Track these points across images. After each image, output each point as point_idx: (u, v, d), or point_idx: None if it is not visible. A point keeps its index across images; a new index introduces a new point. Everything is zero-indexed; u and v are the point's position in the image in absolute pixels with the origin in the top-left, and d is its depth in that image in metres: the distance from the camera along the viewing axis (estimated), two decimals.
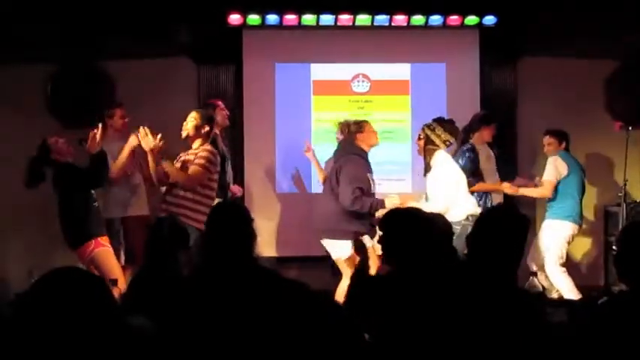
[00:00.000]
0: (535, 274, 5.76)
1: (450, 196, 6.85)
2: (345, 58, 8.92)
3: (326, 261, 8.14)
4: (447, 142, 7.08)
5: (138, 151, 7.20)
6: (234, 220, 4.11)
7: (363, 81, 8.95)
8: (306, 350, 2.72)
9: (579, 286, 7.76)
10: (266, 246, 8.53)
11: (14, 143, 8.40)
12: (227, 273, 3.92)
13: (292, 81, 8.91)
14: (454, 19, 8.67)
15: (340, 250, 7.09)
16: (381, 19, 8.63)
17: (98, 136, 6.76)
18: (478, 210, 6.97)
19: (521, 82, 9.17)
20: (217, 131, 7.63)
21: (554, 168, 7.80)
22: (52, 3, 7.72)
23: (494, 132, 8.15)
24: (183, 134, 6.89)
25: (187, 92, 8.75)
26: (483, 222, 3.71)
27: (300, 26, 8.71)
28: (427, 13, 8.61)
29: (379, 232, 4.33)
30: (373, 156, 7.27)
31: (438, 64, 9.04)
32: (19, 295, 2.21)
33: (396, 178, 8.58)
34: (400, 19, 8.64)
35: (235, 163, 8.29)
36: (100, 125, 6.86)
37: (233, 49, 8.82)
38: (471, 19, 8.67)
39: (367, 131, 7.27)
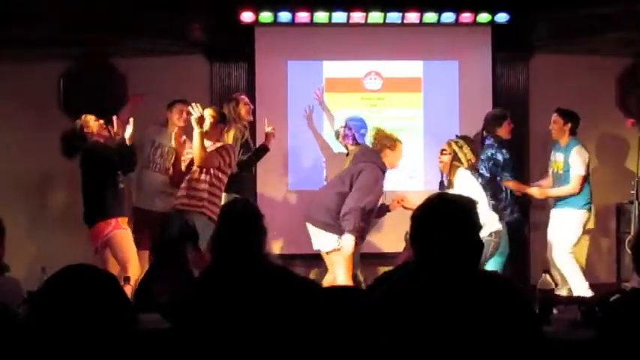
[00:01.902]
0: (548, 270, 5.75)
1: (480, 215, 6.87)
2: (358, 55, 8.91)
3: None
4: (470, 162, 7.14)
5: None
6: (244, 216, 4.12)
7: (375, 78, 8.94)
8: (318, 346, 2.73)
9: (591, 284, 7.77)
10: (277, 243, 8.56)
11: (27, 140, 8.45)
12: (237, 270, 3.93)
13: (304, 78, 8.90)
14: (466, 17, 8.65)
15: (325, 242, 7.17)
16: (394, 16, 8.62)
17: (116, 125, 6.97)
18: (499, 226, 7.09)
19: (534, 80, 9.16)
20: (245, 125, 7.91)
21: (583, 161, 7.85)
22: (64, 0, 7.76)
23: (511, 127, 8.12)
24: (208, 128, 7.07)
25: (200, 90, 8.76)
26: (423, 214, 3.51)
27: (312, 24, 8.72)
28: (439, 10, 8.60)
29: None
30: None
31: (450, 61, 9.02)
32: (32, 293, 2.21)
33: (408, 176, 8.57)
34: (412, 17, 8.63)
35: None
36: (116, 117, 7.06)
37: (245, 47, 8.84)
38: (483, 17, 8.65)
39: (397, 151, 7.40)
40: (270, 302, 3.75)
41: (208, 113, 7.10)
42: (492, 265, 7.21)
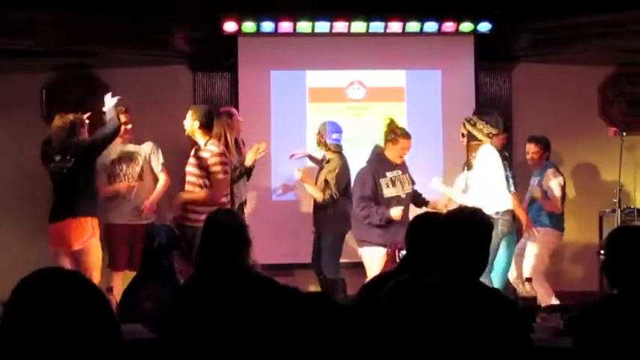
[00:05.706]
0: (530, 280, 5.78)
1: (490, 191, 6.76)
2: (341, 64, 8.93)
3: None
4: (490, 135, 6.93)
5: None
6: (227, 227, 4.12)
7: (358, 88, 8.95)
8: (303, 356, 2.73)
9: (574, 292, 7.79)
10: (261, 253, 8.53)
11: (7, 153, 8.41)
12: (220, 280, 3.93)
13: (288, 88, 8.92)
14: (449, 27, 8.68)
15: (368, 259, 7.13)
16: (377, 26, 8.64)
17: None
18: (509, 206, 6.96)
19: (516, 89, 9.19)
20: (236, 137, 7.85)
21: (559, 184, 7.85)
22: (47, 11, 7.74)
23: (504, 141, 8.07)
24: (188, 131, 7.11)
25: (183, 100, 8.73)
26: (446, 225, 3.57)
27: (295, 34, 8.73)
28: (422, 20, 8.62)
29: None
30: None
31: (433, 70, 9.06)
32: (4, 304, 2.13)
33: None
34: (395, 27, 8.65)
35: None
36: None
37: (228, 57, 8.84)
38: (466, 27, 8.69)
39: (401, 147, 7.23)
40: (253, 312, 3.75)
41: (190, 114, 7.11)
42: (504, 254, 7.22)
